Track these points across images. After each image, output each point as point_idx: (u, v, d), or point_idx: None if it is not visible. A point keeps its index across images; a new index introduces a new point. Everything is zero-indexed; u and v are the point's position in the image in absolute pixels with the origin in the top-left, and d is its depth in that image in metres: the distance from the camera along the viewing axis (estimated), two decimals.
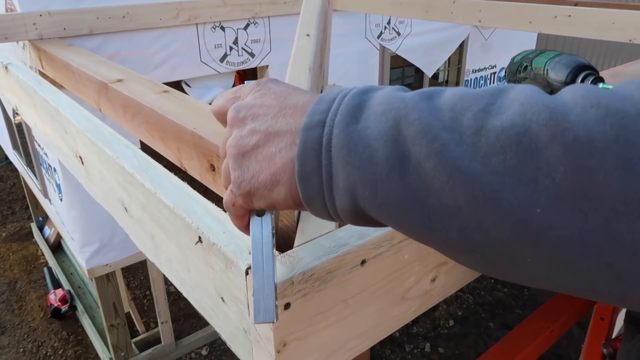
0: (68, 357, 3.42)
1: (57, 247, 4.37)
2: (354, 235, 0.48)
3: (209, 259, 0.49)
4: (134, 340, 3.37)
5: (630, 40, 2.02)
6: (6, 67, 1.18)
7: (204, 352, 3.52)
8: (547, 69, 0.59)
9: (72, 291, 3.87)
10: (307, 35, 0.84)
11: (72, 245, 2.90)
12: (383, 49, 3.65)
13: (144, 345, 3.39)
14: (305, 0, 1.06)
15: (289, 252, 0.45)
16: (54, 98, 0.91)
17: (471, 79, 4.54)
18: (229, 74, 3.02)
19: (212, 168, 1.15)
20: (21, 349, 3.46)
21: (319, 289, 0.44)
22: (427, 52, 3.90)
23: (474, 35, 4.25)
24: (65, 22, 2.29)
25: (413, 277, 0.54)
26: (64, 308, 3.65)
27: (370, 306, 0.51)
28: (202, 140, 1.15)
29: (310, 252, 0.45)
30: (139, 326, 3.58)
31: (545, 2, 3.60)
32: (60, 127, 0.88)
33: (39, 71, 2.28)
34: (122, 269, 3.77)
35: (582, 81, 0.55)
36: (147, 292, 3.91)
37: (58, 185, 2.76)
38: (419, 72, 4.13)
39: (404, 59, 3.84)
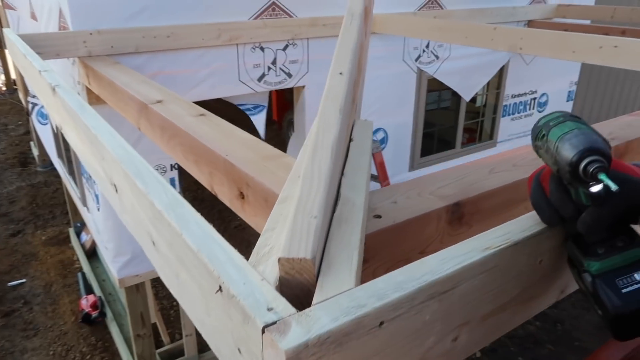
0: None
1: (92, 253, 4.50)
2: (373, 295, 0.47)
3: (228, 310, 0.49)
4: (158, 350, 3.41)
5: None
6: (54, 89, 1.23)
7: None
8: (557, 145, 0.55)
9: (103, 298, 3.96)
10: (340, 73, 0.84)
11: (106, 254, 2.98)
12: (421, 72, 3.64)
13: (167, 357, 3.43)
14: (341, 34, 1.07)
15: (306, 310, 0.45)
16: (94, 124, 0.95)
17: (510, 104, 4.46)
18: (264, 92, 3.07)
19: (242, 196, 1.16)
20: (51, 352, 3.56)
21: (335, 351, 0.44)
22: (465, 76, 3.86)
23: (515, 60, 4.18)
24: (113, 40, 2.38)
25: (433, 337, 0.53)
26: (95, 314, 3.75)
27: None
28: (233, 168, 1.16)
29: (328, 312, 0.45)
30: (164, 337, 3.62)
31: (591, 31, 3.51)
32: (98, 153, 0.91)
33: (86, 87, 2.38)
34: (152, 279, 3.85)
35: (586, 167, 0.51)
36: (175, 303, 3.96)
37: (97, 196, 2.85)
38: (455, 96, 4.09)
39: (442, 82, 3.82)
